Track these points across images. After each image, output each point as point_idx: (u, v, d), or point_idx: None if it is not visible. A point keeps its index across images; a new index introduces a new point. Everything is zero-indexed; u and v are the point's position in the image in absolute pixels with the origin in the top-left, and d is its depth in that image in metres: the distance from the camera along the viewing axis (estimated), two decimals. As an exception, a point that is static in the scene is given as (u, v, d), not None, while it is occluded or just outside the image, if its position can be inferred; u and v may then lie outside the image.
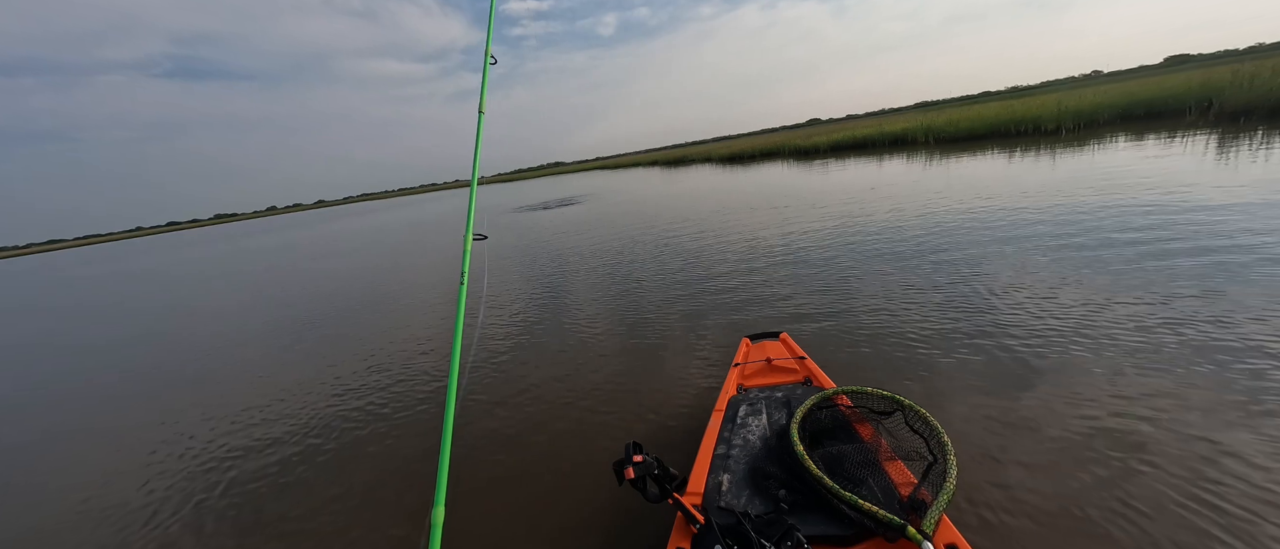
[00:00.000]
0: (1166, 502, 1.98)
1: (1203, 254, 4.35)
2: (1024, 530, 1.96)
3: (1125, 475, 2.14)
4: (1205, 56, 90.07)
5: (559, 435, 3.25)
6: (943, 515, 1.41)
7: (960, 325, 3.79)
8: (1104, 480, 2.13)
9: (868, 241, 6.68)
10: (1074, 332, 3.42)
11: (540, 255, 9.71)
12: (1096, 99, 17.71)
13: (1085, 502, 2.04)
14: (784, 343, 2.98)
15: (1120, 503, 2.01)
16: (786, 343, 2.96)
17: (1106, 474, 2.16)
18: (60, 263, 42.34)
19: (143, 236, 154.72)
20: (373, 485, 3.01)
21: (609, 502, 2.43)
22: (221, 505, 3.07)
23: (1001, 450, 2.40)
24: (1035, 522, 1.99)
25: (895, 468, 1.68)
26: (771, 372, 2.69)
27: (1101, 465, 2.21)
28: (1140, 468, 2.16)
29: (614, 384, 3.85)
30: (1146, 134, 13.06)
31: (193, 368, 5.99)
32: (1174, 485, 2.05)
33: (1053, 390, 2.82)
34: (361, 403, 4.19)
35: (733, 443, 2.04)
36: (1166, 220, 5.44)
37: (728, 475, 1.84)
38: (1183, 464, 2.15)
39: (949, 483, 1.48)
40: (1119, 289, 3.96)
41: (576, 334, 5.09)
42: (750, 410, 2.25)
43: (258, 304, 9.68)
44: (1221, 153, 8.82)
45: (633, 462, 1.54)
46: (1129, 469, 2.17)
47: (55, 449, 4.28)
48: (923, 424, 1.77)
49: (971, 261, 5.18)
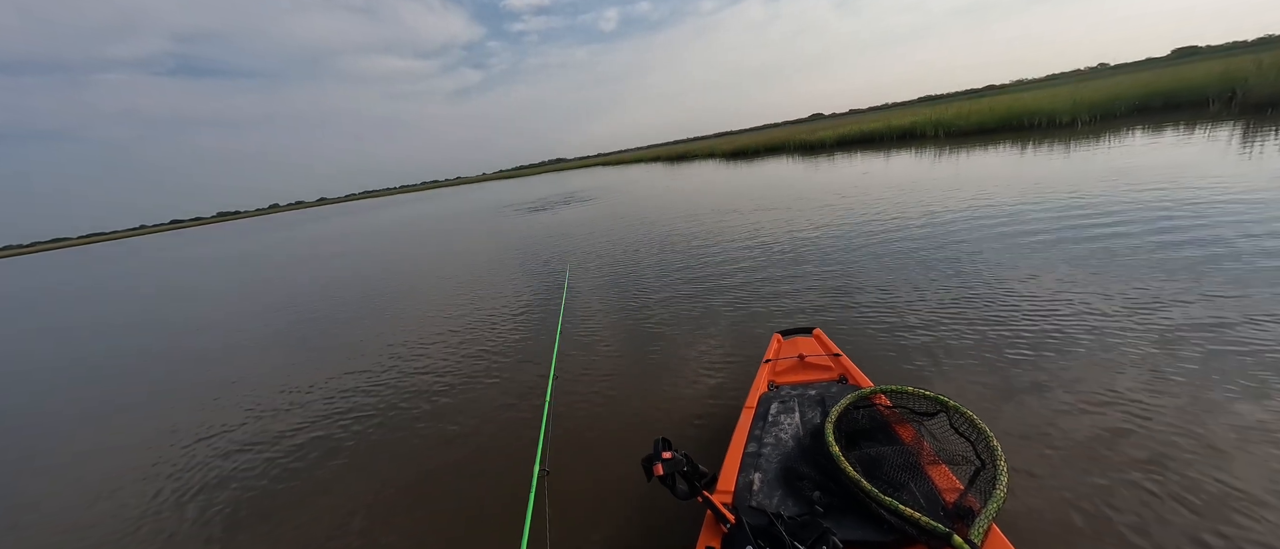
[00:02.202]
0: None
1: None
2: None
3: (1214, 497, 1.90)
4: (1213, 48, 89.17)
5: (586, 426, 3.21)
6: (992, 524, 1.34)
7: (1010, 327, 3.55)
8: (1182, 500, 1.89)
9: (903, 240, 6.33)
10: (1145, 335, 3.16)
11: (540, 253, 9.48)
12: (1113, 90, 17.35)
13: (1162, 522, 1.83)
14: (818, 339, 2.88)
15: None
16: (820, 339, 2.86)
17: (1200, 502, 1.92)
18: (147, 247, 42.27)
19: (146, 235, 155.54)
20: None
21: (636, 496, 2.42)
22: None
23: (1051, 461, 2.22)
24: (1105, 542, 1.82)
25: (939, 472, 1.58)
26: (804, 368, 2.61)
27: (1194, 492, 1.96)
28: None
29: (640, 377, 3.80)
30: (1165, 127, 12.73)
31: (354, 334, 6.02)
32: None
33: (1126, 408, 2.56)
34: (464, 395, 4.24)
35: (764, 441, 1.97)
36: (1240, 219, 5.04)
37: (759, 475, 1.78)
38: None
39: (999, 490, 1.40)
40: (1211, 293, 3.62)
41: (600, 324, 4.98)
42: (782, 408, 2.17)
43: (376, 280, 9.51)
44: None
45: (661, 458, 1.53)
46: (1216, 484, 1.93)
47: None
48: (969, 427, 1.67)
49: (1017, 262, 4.83)
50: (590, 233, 11.20)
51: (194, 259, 22.80)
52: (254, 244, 27.05)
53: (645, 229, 10.41)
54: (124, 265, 25.55)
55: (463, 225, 18.61)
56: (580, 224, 12.99)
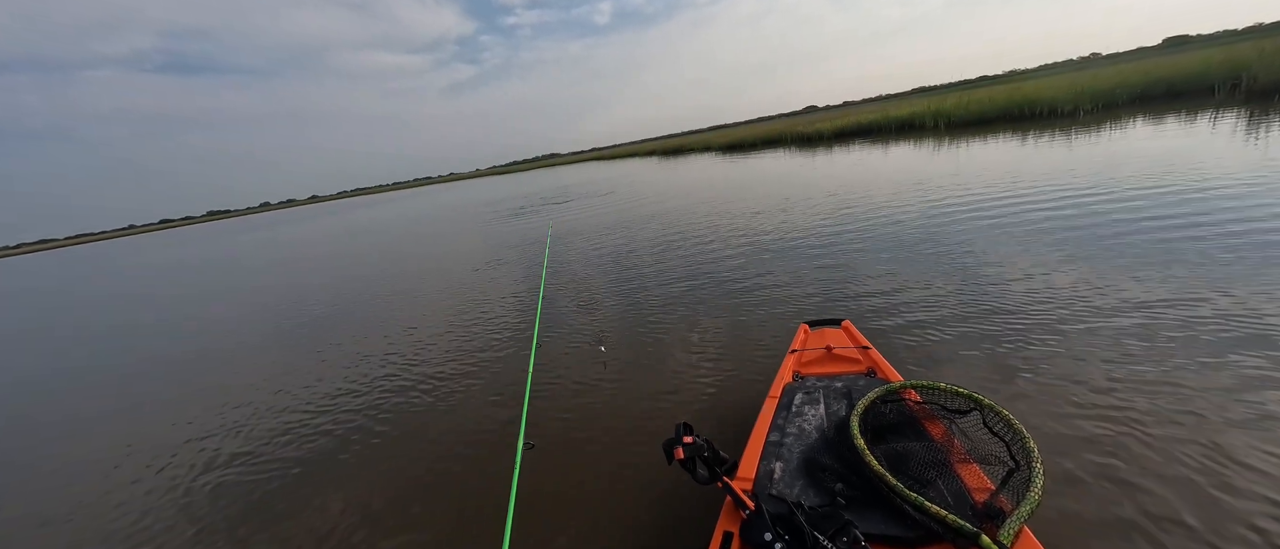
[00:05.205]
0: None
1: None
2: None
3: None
4: (1204, 37, 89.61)
5: (606, 412, 3.25)
6: (1023, 527, 1.29)
7: (1052, 324, 3.37)
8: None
9: (926, 232, 6.07)
10: (1189, 331, 2.99)
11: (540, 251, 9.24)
12: (1115, 78, 17.24)
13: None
14: (846, 331, 2.82)
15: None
16: (849, 331, 2.80)
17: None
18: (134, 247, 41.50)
19: (135, 235, 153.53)
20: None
21: (657, 478, 2.46)
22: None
23: (1091, 467, 2.09)
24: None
25: (969, 471, 1.54)
26: (831, 360, 2.57)
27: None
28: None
29: (662, 362, 3.80)
30: (1167, 115, 12.61)
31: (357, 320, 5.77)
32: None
33: (1166, 405, 2.40)
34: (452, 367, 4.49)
35: (787, 431, 1.95)
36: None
37: (780, 464, 1.77)
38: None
39: (1033, 492, 1.34)
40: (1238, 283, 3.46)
41: (621, 313, 5.01)
42: (807, 399, 2.14)
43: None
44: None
45: (682, 442, 1.54)
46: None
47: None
48: (1004, 427, 1.62)
49: (1074, 258, 4.45)
50: (616, 227, 10.95)
51: (159, 263, 22.34)
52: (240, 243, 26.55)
53: (649, 227, 10.20)
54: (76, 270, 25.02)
55: (440, 228, 18.29)
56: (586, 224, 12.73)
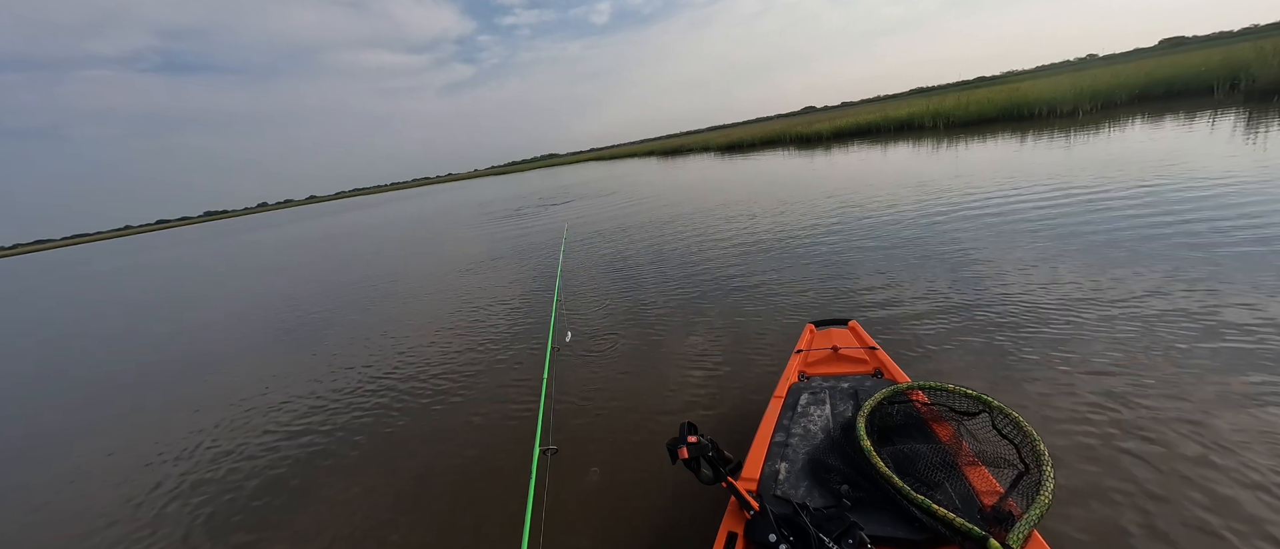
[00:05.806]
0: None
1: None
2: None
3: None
4: (1200, 38, 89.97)
5: (610, 412, 3.24)
6: (1033, 531, 1.28)
7: (1061, 324, 3.34)
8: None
9: (929, 232, 6.01)
10: (1210, 330, 2.96)
11: (545, 251, 9.20)
12: (1115, 78, 17.25)
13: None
14: (853, 331, 2.80)
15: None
16: (856, 331, 2.78)
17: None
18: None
19: (132, 235, 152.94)
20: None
21: (660, 478, 2.46)
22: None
23: (1104, 472, 2.06)
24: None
25: (977, 474, 1.52)
26: (837, 360, 2.54)
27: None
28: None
29: (666, 361, 3.79)
30: (1166, 115, 12.61)
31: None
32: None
33: (1174, 416, 2.36)
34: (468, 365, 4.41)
35: (792, 432, 1.93)
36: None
37: (785, 464, 1.75)
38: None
39: (1043, 496, 1.32)
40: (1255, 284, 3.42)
41: (625, 310, 5.02)
42: (812, 399, 2.12)
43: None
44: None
45: (687, 442, 1.54)
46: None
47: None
48: (1014, 429, 1.59)
49: (1088, 262, 4.32)
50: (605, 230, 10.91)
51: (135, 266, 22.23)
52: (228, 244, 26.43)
53: (652, 228, 10.16)
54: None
55: (437, 229, 18.22)
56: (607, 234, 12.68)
